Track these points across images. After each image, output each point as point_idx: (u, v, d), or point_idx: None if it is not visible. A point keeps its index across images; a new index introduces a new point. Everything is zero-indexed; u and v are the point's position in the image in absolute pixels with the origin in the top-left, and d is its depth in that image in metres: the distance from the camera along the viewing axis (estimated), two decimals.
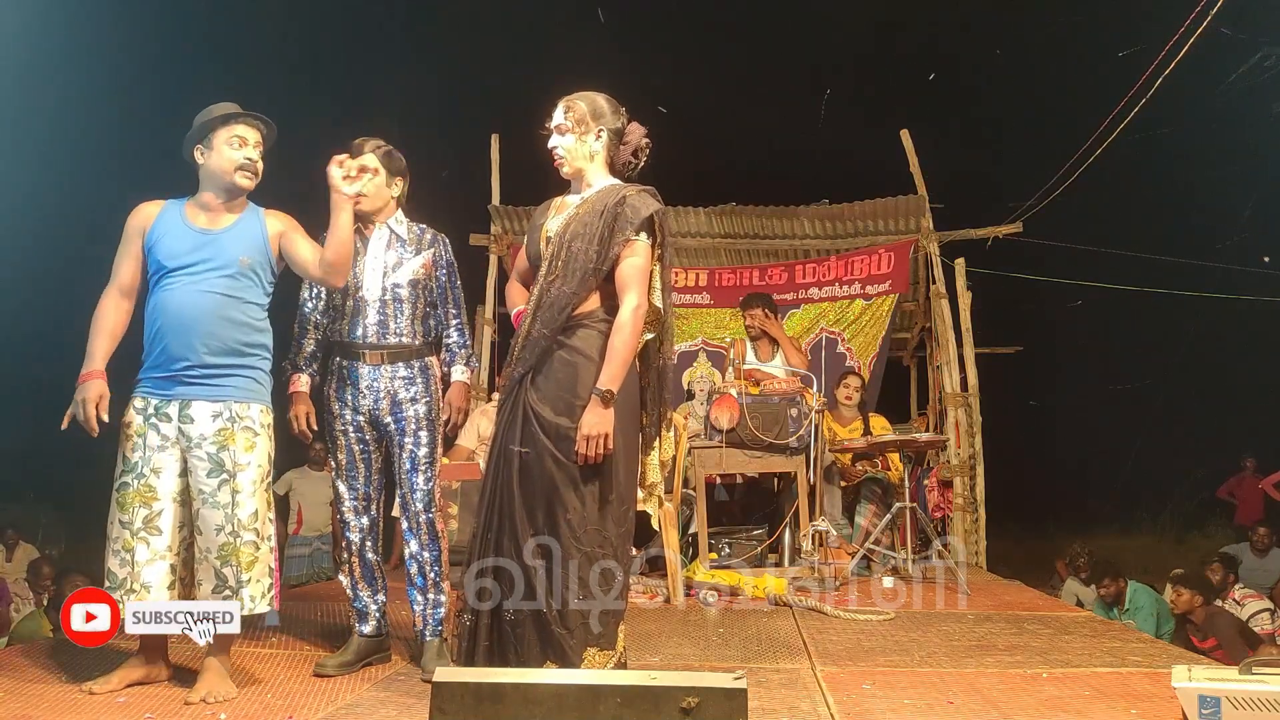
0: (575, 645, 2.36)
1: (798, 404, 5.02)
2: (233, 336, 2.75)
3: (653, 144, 2.69)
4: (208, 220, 2.82)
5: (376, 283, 3.12)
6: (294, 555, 7.38)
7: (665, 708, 1.87)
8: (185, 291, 2.72)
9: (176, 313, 2.72)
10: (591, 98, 2.64)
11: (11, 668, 2.98)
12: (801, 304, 7.45)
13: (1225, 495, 10.38)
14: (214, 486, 2.69)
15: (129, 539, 2.67)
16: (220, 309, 2.73)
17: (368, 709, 2.52)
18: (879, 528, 5.27)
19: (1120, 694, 2.61)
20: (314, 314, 3.23)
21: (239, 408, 2.75)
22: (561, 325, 2.49)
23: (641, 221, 2.49)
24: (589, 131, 2.59)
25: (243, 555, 2.69)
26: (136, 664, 2.76)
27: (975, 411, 6.77)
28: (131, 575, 2.66)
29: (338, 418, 3.14)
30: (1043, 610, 4.23)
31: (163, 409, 2.72)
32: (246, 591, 2.68)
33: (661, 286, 2.58)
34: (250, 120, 2.84)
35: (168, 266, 2.75)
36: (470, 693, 1.94)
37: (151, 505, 2.69)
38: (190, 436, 2.71)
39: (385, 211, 3.19)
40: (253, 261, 2.81)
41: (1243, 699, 2.02)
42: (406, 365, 3.13)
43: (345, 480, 3.17)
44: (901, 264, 7.26)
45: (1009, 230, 7.43)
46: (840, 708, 2.48)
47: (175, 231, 2.78)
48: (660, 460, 2.62)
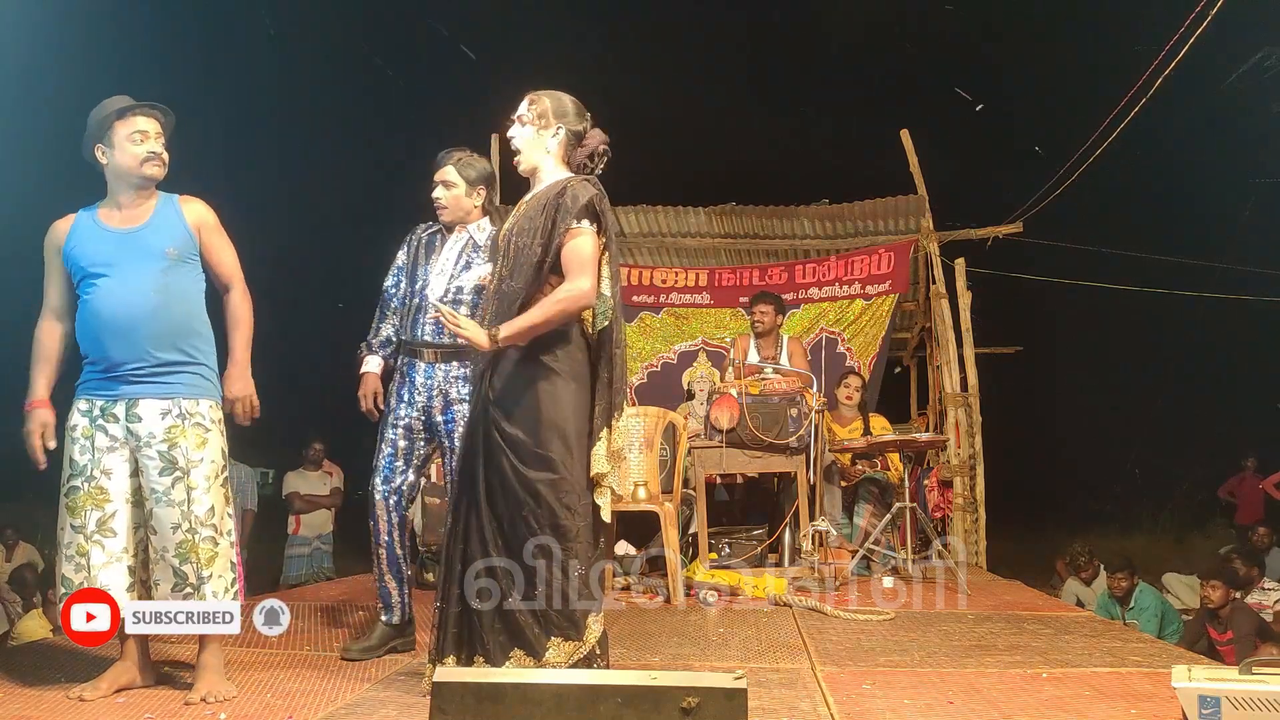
0: (539, 635, 2.41)
1: (798, 404, 5.02)
2: (173, 331, 2.70)
3: (612, 153, 2.69)
4: (122, 219, 2.74)
5: (441, 284, 3.26)
6: (294, 555, 7.38)
7: (665, 708, 1.87)
8: (116, 292, 2.66)
9: (112, 315, 2.65)
10: (557, 96, 2.67)
11: (11, 668, 2.98)
12: (801, 304, 7.44)
13: (1225, 495, 10.38)
14: (167, 485, 2.64)
15: (82, 543, 2.62)
16: (156, 306, 2.67)
17: (368, 709, 2.52)
18: (879, 528, 5.27)
19: (1120, 694, 2.61)
20: (393, 300, 3.38)
21: (188, 404, 2.70)
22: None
23: (581, 208, 2.51)
24: (548, 128, 2.63)
25: (201, 551, 2.65)
26: (122, 669, 2.73)
27: (975, 411, 6.77)
28: (88, 579, 2.61)
29: (392, 412, 3.29)
30: (1043, 610, 4.23)
31: (109, 409, 2.68)
32: (208, 587, 2.64)
33: (610, 275, 2.58)
34: (147, 111, 2.76)
35: (91, 271, 2.68)
36: (470, 693, 1.94)
37: (104, 507, 2.64)
38: (139, 435, 2.66)
39: (468, 219, 3.34)
40: (179, 252, 2.75)
41: (1243, 699, 2.02)
42: (461, 365, 3.24)
43: (384, 476, 3.29)
44: (901, 264, 7.25)
45: (1009, 230, 7.43)
46: (840, 708, 2.48)
47: (92, 237, 2.72)
48: (611, 451, 2.56)
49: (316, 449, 7.63)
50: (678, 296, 7.70)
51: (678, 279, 7.72)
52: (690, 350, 7.60)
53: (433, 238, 3.37)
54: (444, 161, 3.31)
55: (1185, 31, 5.95)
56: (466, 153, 3.35)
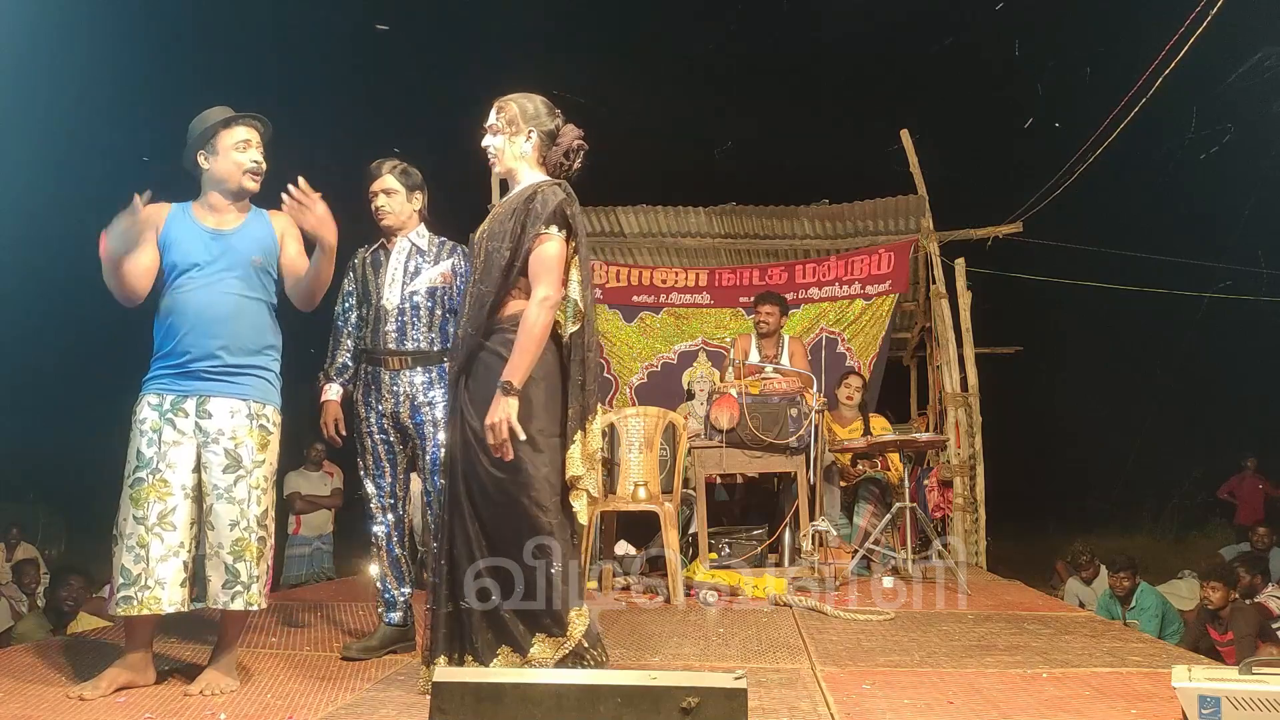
0: (524, 632, 2.45)
1: (798, 404, 5.02)
2: (250, 336, 2.80)
3: (587, 146, 2.69)
4: (216, 222, 2.85)
5: (396, 293, 3.32)
6: (294, 555, 7.39)
7: (665, 708, 1.87)
8: (203, 291, 2.75)
9: (196, 312, 2.74)
10: (525, 99, 2.68)
11: (11, 668, 2.98)
12: (801, 304, 7.45)
13: (1225, 495, 10.39)
14: (230, 482, 2.72)
15: (144, 534, 2.66)
16: (238, 309, 2.77)
17: (368, 709, 2.52)
18: (879, 528, 5.27)
19: (1120, 694, 2.61)
20: (346, 326, 3.45)
21: (256, 406, 2.79)
22: (486, 326, 2.56)
23: (550, 214, 2.52)
24: (519, 133, 2.64)
25: (253, 551, 2.72)
26: (123, 668, 2.73)
27: (975, 411, 6.77)
28: (146, 571, 2.64)
29: (364, 420, 3.35)
30: (1043, 610, 4.23)
31: (179, 404, 2.74)
32: (256, 587, 2.72)
33: (580, 279, 2.59)
34: (249, 121, 2.86)
35: (182, 266, 2.77)
36: (470, 693, 1.94)
37: (166, 500, 2.69)
38: (208, 431, 2.73)
39: (408, 226, 3.39)
40: (264, 262, 2.85)
41: (1243, 699, 2.02)
42: (425, 370, 3.30)
43: (372, 479, 3.36)
44: (901, 264, 7.26)
45: (1009, 230, 7.44)
46: (840, 708, 2.48)
47: (188, 232, 2.81)
48: (586, 454, 2.57)
49: (318, 450, 7.65)
50: (678, 296, 7.70)
51: (678, 279, 7.73)
52: (690, 350, 7.61)
53: (376, 255, 3.43)
54: (381, 171, 3.36)
55: (1185, 31, 5.95)
56: (400, 161, 3.42)
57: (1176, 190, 13.95)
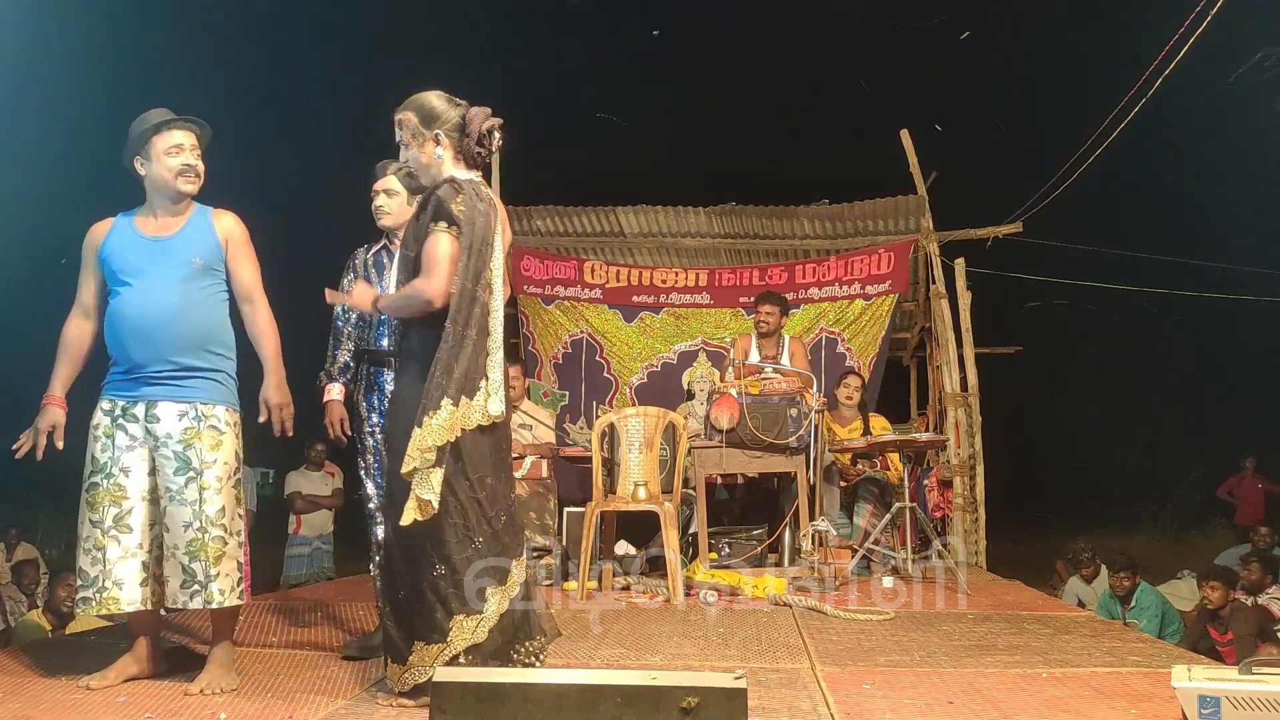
0: (442, 617, 2.41)
1: (798, 404, 5.02)
2: (196, 338, 2.79)
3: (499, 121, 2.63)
4: (156, 227, 2.85)
5: None
6: (294, 555, 7.39)
7: (665, 708, 1.87)
8: (141, 298, 2.76)
9: (136, 319, 2.75)
10: (419, 103, 2.65)
11: (11, 668, 2.99)
12: (801, 304, 7.45)
13: (1225, 495, 10.39)
14: (181, 484, 2.72)
15: (100, 537, 2.71)
16: (180, 312, 2.77)
17: (368, 709, 2.52)
18: (878, 528, 5.27)
19: (1120, 694, 2.61)
20: (347, 325, 3.45)
21: (204, 408, 2.78)
22: (403, 326, 2.66)
23: (439, 212, 2.53)
24: (426, 140, 2.63)
25: (210, 550, 2.71)
26: (130, 660, 2.80)
27: (975, 411, 6.77)
28: (103, 573, 2.69)
29: (365, 420, 3.37)
30: (1043, 610, 4.23)
31: (130, 410, 2.77)
32: (215, 586, 2.70)
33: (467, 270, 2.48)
34: (184, 125, 2.85)
35: (122, 276, 2.79)
36: (470, 693, 1.95)
37: (121, 504, 2.72)
38: (157, 435, 2.74)
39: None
40: (205, 262, 2.83)
41: (1242, 699, 2.02)
42: None
43: (373, 479, 3.37)
44: (901, 264, 7.26)
45: (1009, 230, 7.43)
46: (840, 708, 2.48)
47: (126, 242, 2.82)
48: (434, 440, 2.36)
49: (318, 450, 7.64)
50: (678, 296, 7.70)
51: (678, 279, 7.73)
52: (690, 350, 7.61)
53: (379, 255, 3.45)
54: (385, 171, 3.39)
55: (1185, 31, 5.95)
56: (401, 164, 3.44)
57: (1176, 190, 13.96)
